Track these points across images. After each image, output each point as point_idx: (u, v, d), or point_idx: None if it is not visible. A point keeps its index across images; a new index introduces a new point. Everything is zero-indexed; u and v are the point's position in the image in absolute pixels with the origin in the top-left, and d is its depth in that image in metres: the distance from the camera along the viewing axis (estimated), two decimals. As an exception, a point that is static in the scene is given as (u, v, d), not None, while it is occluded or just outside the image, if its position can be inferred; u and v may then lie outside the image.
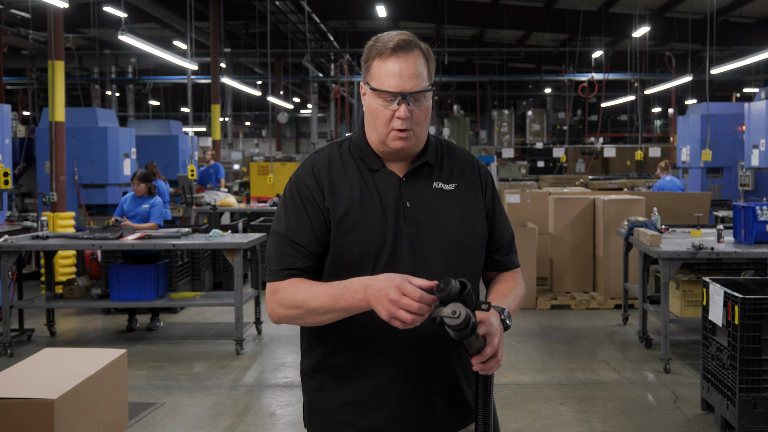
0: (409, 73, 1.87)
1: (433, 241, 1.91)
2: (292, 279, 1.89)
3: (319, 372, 1.98)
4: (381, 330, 1.87)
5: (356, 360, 1.92)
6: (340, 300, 1.78)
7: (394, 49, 1.88)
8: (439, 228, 1.92)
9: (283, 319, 1.90)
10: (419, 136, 1.92)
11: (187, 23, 14.49)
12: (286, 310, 1.88)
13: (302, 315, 1.85)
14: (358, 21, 22.66)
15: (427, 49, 1.94)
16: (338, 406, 1.94)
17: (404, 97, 1.86)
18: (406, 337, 1.88)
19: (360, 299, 1.75)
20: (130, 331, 7.58)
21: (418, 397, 1.92)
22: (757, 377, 4.39)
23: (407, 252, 1.89)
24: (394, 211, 1.90)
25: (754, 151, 11.43)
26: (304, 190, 1.93)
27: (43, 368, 4.26)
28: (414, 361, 1.90)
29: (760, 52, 12.78)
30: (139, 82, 22.33)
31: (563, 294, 8.76)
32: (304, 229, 1.91)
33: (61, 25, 9.92)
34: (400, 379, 1.90)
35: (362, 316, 1.88)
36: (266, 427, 4.95)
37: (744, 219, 6.29)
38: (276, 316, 1.91)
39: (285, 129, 41.69)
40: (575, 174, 21.27)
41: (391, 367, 1.90)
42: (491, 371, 1.79)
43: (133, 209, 7.56)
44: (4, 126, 9.11)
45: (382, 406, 1.91)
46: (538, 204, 9.61)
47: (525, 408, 5.22)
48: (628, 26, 17.87)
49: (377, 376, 1.91)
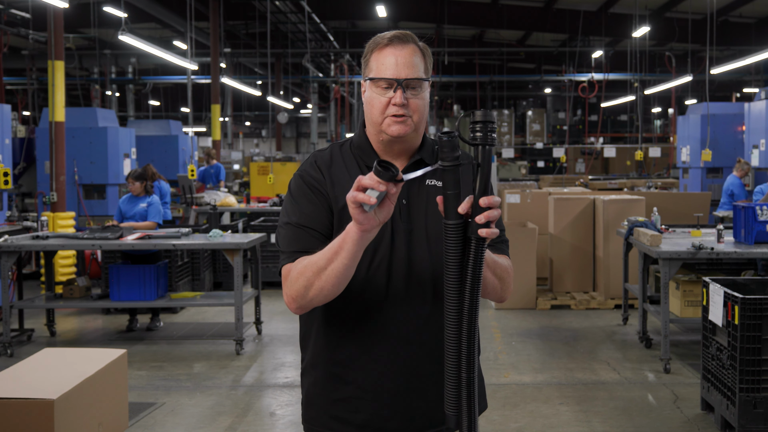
0: (405, 62, 1.90)
1: (426, 238, 1.93)
2: (302, 258, 1.87)
3: (314, 367, 2.00)
4: (375, 324, 1.90)
5: (350, 355, 1.93)
6: (336, 245, 1.74)
7: (390, 40, 1.92)
8: (431, 225, 1.94)
9: (297, 299, 1.83)
10: (417, 125, 1.93)
11: (187, 23, 14.49)
12: (296, 285, 1.82)
13: (310, 280, 1.79)
14: (358, 21, 22.66)
15: (424, 46, 1.96)
16: (333, 402, 1.96)
17: (400, 83, 1.88)
18: (400, 331, 1.90)
19: (348, 230, 1.71)
20: (131, 332, 7.58)
21: (413, 391, 1.93)
22: (757, 377, 4.39)
23: (403, 248, 1.92)
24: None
25: (754, 151, 11.44)
26: (311, 180, 1.96)
27: (43, 368, 4.26)
28: (408, 355, 1.92)
29: (760, 52, 12.78)
30: (139, 82, 22.33)
31: (563, 294, 8.76)
32: (316, 214, 1.92)
33: (61, 25, 9.92)
34: (394, 374, 1.92)
35: (358, 311, 1.90)
36: (266, 427, 4.95)
37: (744, 219, 6.29)
38: (290, 297, 1.84)
39: (285, 129, 41.71)
40: (575, 174, 21.28)
41: (386, 361, 1.91)
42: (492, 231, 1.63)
43: (130, 209, 7.55)
44: (4, 126, 9.11)
45: (376, 401, 1.92)
46: (538, 204, 9.61)
47: (525, 408, 5.22)
48: (628, 26, 17.87)
49: (371, 370, 1.92)
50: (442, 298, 1.90)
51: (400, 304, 1.91)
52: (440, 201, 1.67)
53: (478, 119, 1.63)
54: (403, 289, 1.91)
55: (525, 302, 8.43)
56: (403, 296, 1.91)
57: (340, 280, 1.77)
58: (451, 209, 1.64)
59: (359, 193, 1.61)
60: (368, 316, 1.91)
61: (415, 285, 1.92)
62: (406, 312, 1.92)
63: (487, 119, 1.62)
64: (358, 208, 1.63)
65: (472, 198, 1.64)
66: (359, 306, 1.92)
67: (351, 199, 1.62)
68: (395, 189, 1.64)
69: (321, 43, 22.83)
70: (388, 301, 1.91)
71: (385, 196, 1.64)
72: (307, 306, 1.84)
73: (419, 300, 1.92)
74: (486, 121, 1.62)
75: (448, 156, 1.63)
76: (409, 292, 1.92)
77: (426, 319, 1.92)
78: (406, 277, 1.91)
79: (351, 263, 1.75)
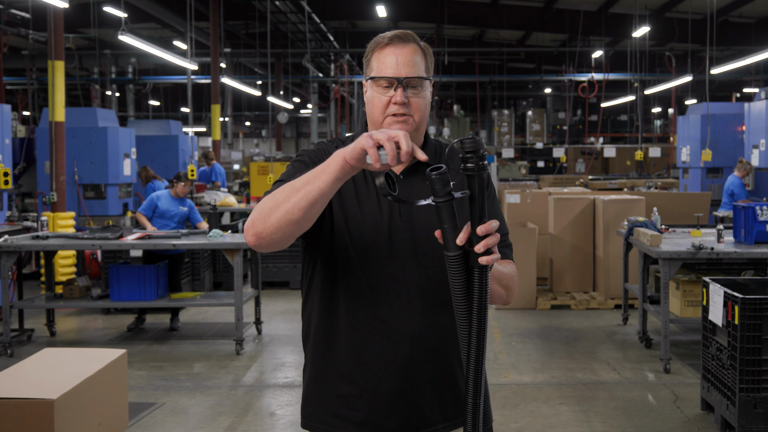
0: (405, 60, 1.90)
1: (426, 238, 1.92)
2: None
3: (314, 364, 2.00)
4: (377, 322, 1.90)
5: (351, 352, 1.93)
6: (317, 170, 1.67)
7: (391, 39, 1.92)
8: (432, 225, 1.91)
9: (256, 222, 1.71)
10: (418, 124, 1.92)
11: (187, 23, 14.49)
12: (260, 207, 1.71)
13: (278, 200, 1.68)
14: (358, 21, 22.66)
15: (425, 46, 1.96)
16: (332, 398, 1.96)
17: (400, 82, 1.87)
18: (401, 330, 1.90)
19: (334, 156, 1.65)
20: (138, 331, 7.59)
21: (411, 391, 1.92)
22: (757, 377, 4.39)
23: (404, 248, 1.91)
24: (389, 208, 1.93)
25: (754, 151, 11.44)
26: (315, 156, 1.93)
27: (43, 368, 4.26)
28: (407, 355, 1.91)
29: (760, 52, 12.78)
30: (139, 82, 22.31)
31: (563, 294, 8.76)
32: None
33: (61, 25, 9.91)
34: (393, 373, 1.91)
35: (358, 310, 1.90)
36: (266, 427, 4.95)
37: (744, 219, 6.29)
38: (250, 221, 1.72)
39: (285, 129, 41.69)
40: (575, 174, 21.26)
41: (387, 360, 1.91)
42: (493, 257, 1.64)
43: (171, 209, 7.68)
44: (4, 126, 9.11)
45: (375, 399, 1.92)
46: (538, 204, 9.61)
47: (525, 408, 5.22)
48: (628, 26, 17.87)
49: (372, 368, 1.92)
50: (444, 297, 1.90)
51: (400, 304, 1.91)
52: (438, 235, 1.68)
53: (468, 149, 1.63)
54: (404, 288, 1.91)
55: (525, 302, 8.43)
56: (404, 296, 1.91)
57: (310, 206, 1.66)
58: (450, 241, 1.66)
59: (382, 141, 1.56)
60: (369, 315, 1.91)
61: (417, 285, 1.92)
62: (407, 312, 1.91)
63: (477, 147, 1.62)
64: (372, 149, 1.57)
65: (469, 228, 1.66)
66: (362, 305, 1.91)
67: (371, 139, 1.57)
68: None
69: (321, 43, 22.82)
70: (388, 299, 1.91)
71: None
72: (263, 233, 1.70)
73: (420, 300, 1.92)
74: (476, 150, 1.62)
75: (440, 191, 1.64)
76: (410, 291, 1.92)
77: (427, 319, 1.92)
78: (407, 277, 1.91)
79: (327, 191, 1.65)
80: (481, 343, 1.68)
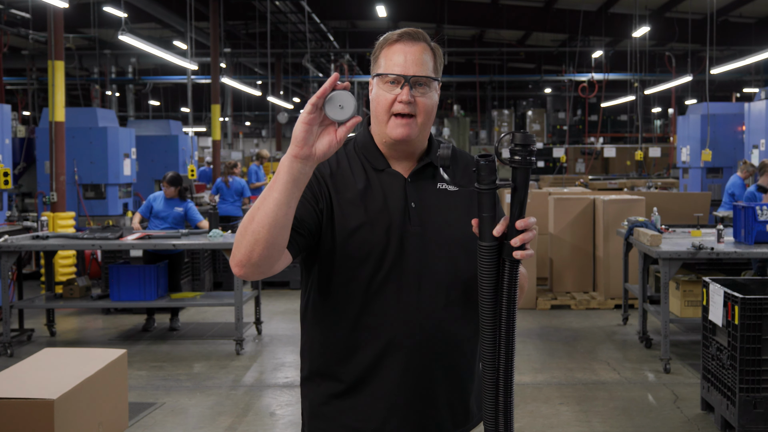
0: (414, 59, 1.85)
1: (437, 242, 1.88)
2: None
3: (321, 376, 1.93)
4: (385, 332, 1.85)
5: (360, 363, 1.87)
6: (270, 183, 1.64)
7: (400, 36, 1.88)
8: (444, 229, 1.89)
9: (235, 254, 1.66)
10: (422, 127, 1.87)
11: (187, 23, 14.49)
12: (235, 240, 1.68)
13: (246, 227, 1.64)
14: (358, 21, 22.66)
15: (435, 46, 1.92)
16: (342, 411, 1.90)
17: (407, 80, 1.83)
18: (412, 339, 1.85)
19: (281, 164, 1.62)
20: (146, 332, 7.59)
21: (424, 399, 1.88)
22: (757, 377, 4.39)
23: (413, 253, 1.86)
24: (399, 211, 1.87)
25: (754, 151, 11.44)
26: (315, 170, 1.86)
27: (43, 368, 4.26)
28: (420, 363, 1.87)
29: (760, 52, 12.78)
30: (139, 82, 22.32)
31: (563, 294, 8.76)
32: (302, 202, 1.81)
33: (61, 25, 9.91)
34: (406, 382, 1.86)
35: (366, 318, 1.85)
36: (266, 427, 4.95)
37: (744, 219, 6.29)
38: (232, 256, 1.69)
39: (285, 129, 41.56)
40: (575, 174, 21.24)
41: (398, 370, 1.86)
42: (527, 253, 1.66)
43: (164, 210, 7.71)
44: (4, 126, 9.11)
45: (388, 409, 1.87)
46: (538, 204, 9.61)
47: (525, 408, 5.22)
48: (628, 26, 17.86)
49: (383, 379, 1.86)
50: (455, 303, 1.88)
51: (411, 311, 1.86)
52: (475, 223, 1.68)
53: (518, 142, 1.65)
54: (415, 295, 1.86)
55: (525, 302, 8.43)
56: (414, 303, 1.86)
57: (273, 221, 1.60)
58: (486, 231, 1.67)
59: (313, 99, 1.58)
60: (378, 324, 1.85)
61: (427, 291, 1.87)
62: (418, 319, 1.86)
63: (528, 142, 1.64)
64: (307, 125, 1.58)
65: (507, 219, 1.66)
66: (370, 312, 1.86)
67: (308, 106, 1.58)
68: (343, 132, 1.61)
69: (321, 43, 22.82)
70: (399, 307, 1.85)
71: (331, 132, 1.61)
72: (243, 261, 1.66)
73: (431, 306, 1.87)
74: (526, 144, 1.64)
75: (485, 179, 1.67)
76: (420, 298, 1.86)
77: (438, 326, 1.87)
78: (417, 282, 1.86)
79: (284, 199, 1.60)
80: (511, 337, 1.67)
